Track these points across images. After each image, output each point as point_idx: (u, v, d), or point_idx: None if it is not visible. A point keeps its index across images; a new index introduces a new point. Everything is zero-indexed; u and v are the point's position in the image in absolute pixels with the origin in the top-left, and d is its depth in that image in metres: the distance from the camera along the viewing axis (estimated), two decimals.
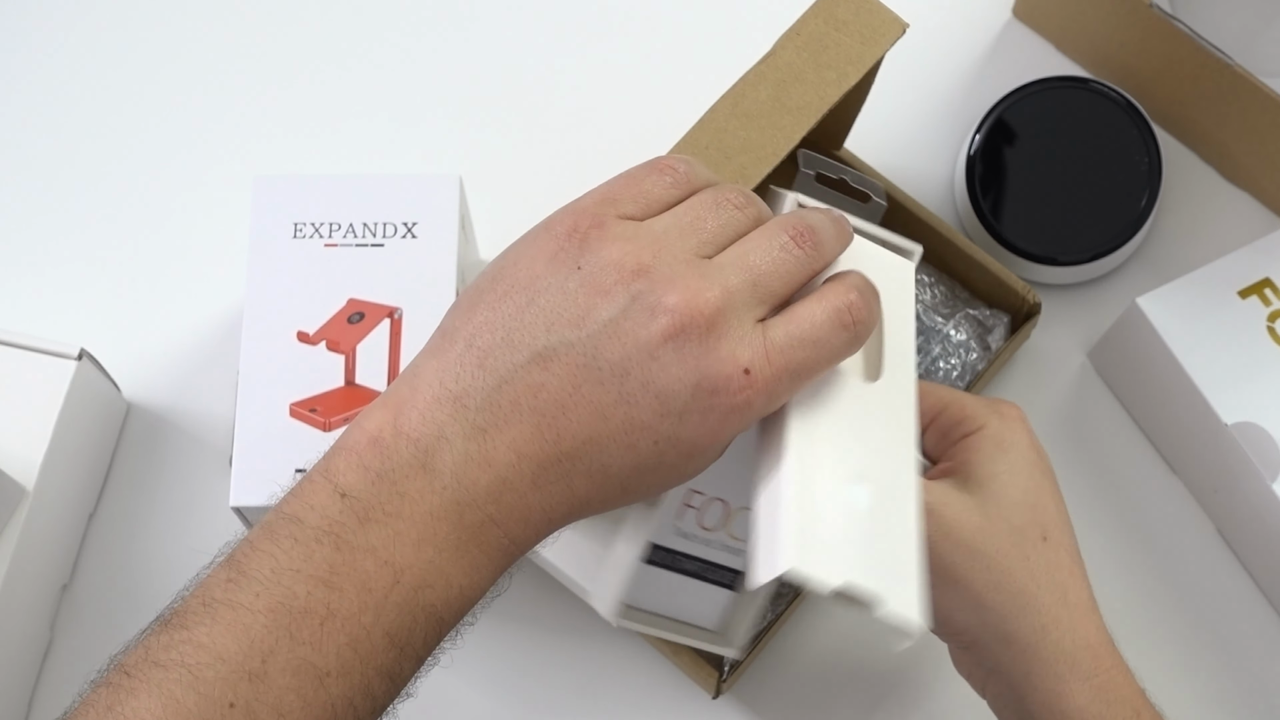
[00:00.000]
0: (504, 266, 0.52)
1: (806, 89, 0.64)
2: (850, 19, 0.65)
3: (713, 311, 0.49)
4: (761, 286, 0.51)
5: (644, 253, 0.50)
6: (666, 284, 0.49)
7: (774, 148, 0.63)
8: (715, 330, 0.49)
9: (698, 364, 0.49)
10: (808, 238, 0.53)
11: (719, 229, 0.52)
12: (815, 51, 0.64)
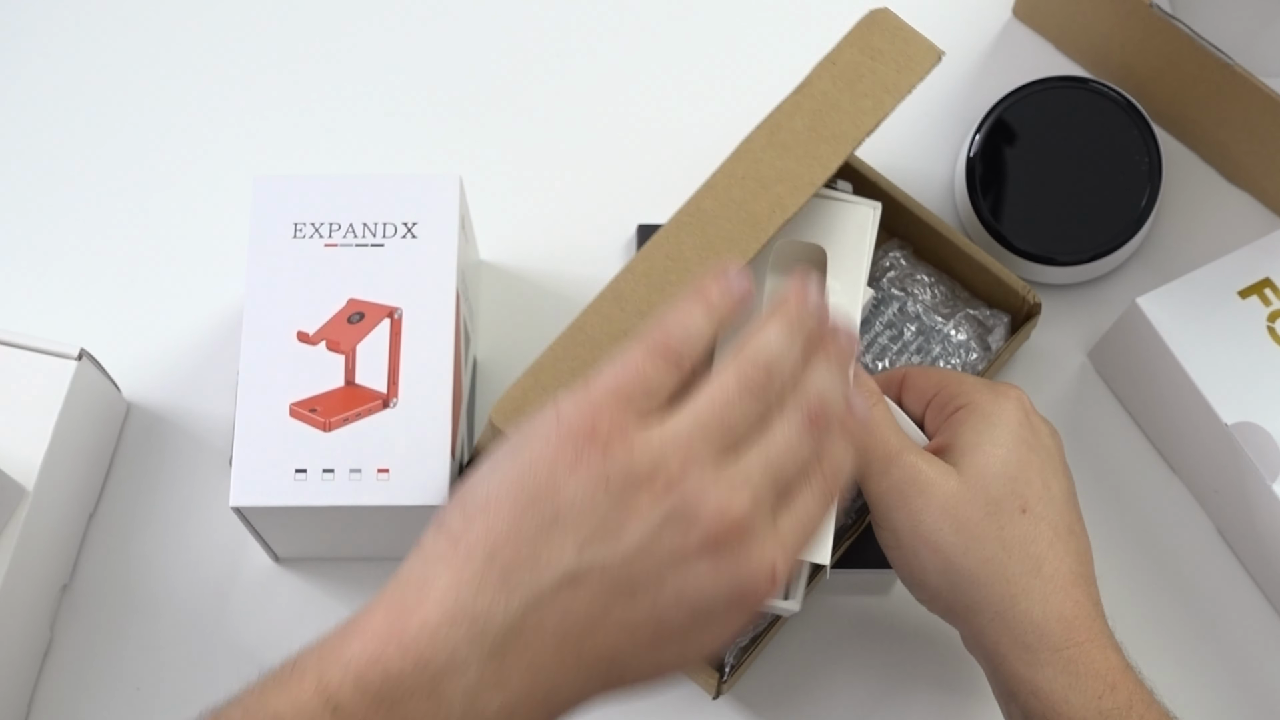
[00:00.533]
0: (520, 468, 0.49)
1: (843, 118, 0.63)
2: (885, 47, 0.64)
3: (746, 522, 0.50)
4: (781, 481, 0.52)
5: (673, 465, 0.49)
6: (698, 498, 0.49)
7: (811, 177, 0.63)
8: (747, 538, 0.50)
9: (734, 573, 0.50)
10: (822, 421, 0.54)
11: (741, 422, 0.52)
12: (851, 81, 0.64)
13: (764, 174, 0.62)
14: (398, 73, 0.88)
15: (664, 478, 0.49)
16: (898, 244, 0.80)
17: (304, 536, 0.74)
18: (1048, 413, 0.81)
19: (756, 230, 0.61)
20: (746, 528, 0.50)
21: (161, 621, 0.77)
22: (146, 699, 0.76)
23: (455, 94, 0.87)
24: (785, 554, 0.51)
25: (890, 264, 0.79)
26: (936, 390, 0.67)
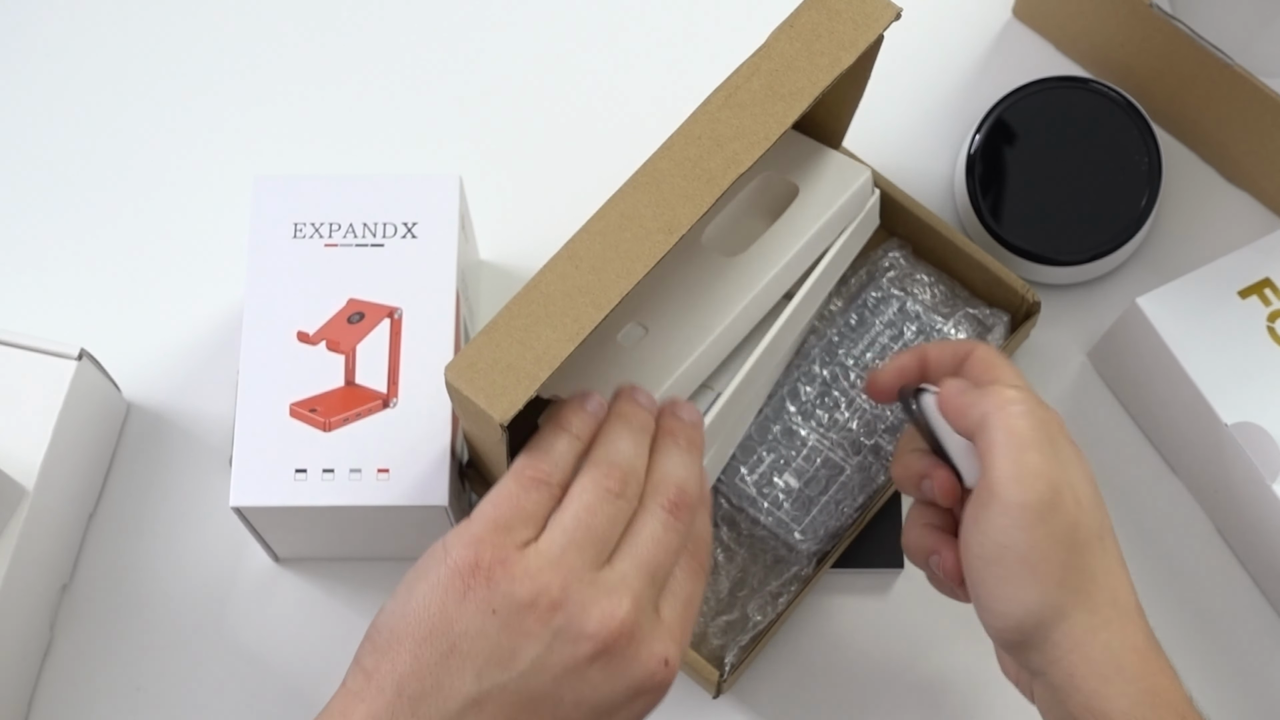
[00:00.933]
0: (416, 604, 0.54)
1: (799, 76, 0.64)
2: (843, 8, 0.65)
3: (630, 625, 0.54)
4: (658, 576, 0.57)
5: (553, 586, 0.54)
6: (582, 613, 0.54)
7: (766, 133, 0.64)
8: (634, 639, 0.55)
9: (628, 673, 0.54)
10: (683, 508, 0.58)
11: (608, 527, 0.56)
12: (809, 40, 0.65)
13: (720, 132, 0.63)
14: (398, 73, 0.88)
15: (547, 599, 0.54)
16: (898, 244, 0.80)
17: (304, 536, 0.74)
18: None
19: (710, 185, 0.63)
20: (632, 628, 0.54)
21: (161, 621, 0.77)
22: (146, 699, 0.76)
23: (455, 94, 0.87)
24: (674, 640, 0.56)
25: (890, 264, 0.79)
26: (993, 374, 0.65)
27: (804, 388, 0.76)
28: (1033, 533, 0.59)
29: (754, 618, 0.74)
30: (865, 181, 0.75)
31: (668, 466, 0.59)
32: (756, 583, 0.75)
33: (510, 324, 0.60)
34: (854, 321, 0.78)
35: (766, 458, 0.75)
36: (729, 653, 0.74)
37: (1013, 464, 0.59)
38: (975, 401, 0.62)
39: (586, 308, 0.60)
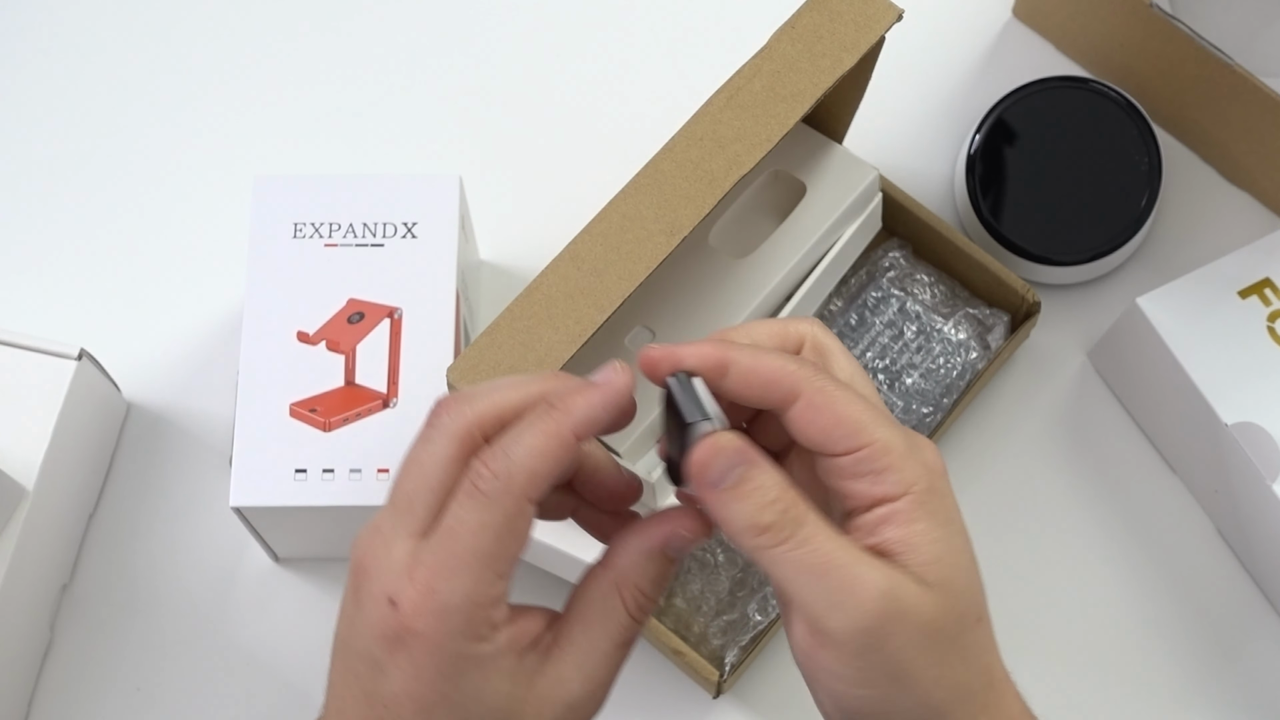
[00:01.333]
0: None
1: (800, 77, 0.65)
2: (844, 9, 0.65)
3: (360, 559, 0.48)
4: (400, 501, 0.47)
5: (358, 552, 0.50)
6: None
7: (768, 134, 0.64)
8: (366, 575, 0.47)
9: (361, 616, 0.47)
10: (436, 413, 0.48)
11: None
12: (810, 42, 0.65)
13: (721, 134, 0.63)
14: (397, 73, 0.88)
15: (355, 566, 0.49)
16: (898, 244, 0.80)
17: (304, 536, 0.74)
18: (1048, 413, 0.81)
19: (713, 187, 0.63)
20: (359, 563, 0.48)
21: (161, 621, 0.77)
22: (146, 699, 0.76)
23: (455, 94, 0.87)
24: (408, 577, 0.46)
25: (890, 264, 0.79)
26: (854, 448, 0.48)
27: None
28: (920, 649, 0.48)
29: (754, 618, 0.74)
30: (872, 181, 0.75)
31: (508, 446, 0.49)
32: (756, 583, 0.75)
33: (512, 325, 0.60)
34: (854, 321, 0.78)
35: None
36: (729, 653, 0.74)
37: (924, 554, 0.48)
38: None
39: (588, 309, 0.61)
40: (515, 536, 0.47)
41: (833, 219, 0.74)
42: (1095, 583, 0.78)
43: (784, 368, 0.48)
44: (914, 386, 0.77)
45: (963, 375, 0.77)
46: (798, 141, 0.75)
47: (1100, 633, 0.77)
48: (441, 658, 0.47)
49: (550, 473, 0.47)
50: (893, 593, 0.47)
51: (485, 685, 0.47)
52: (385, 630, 0.47)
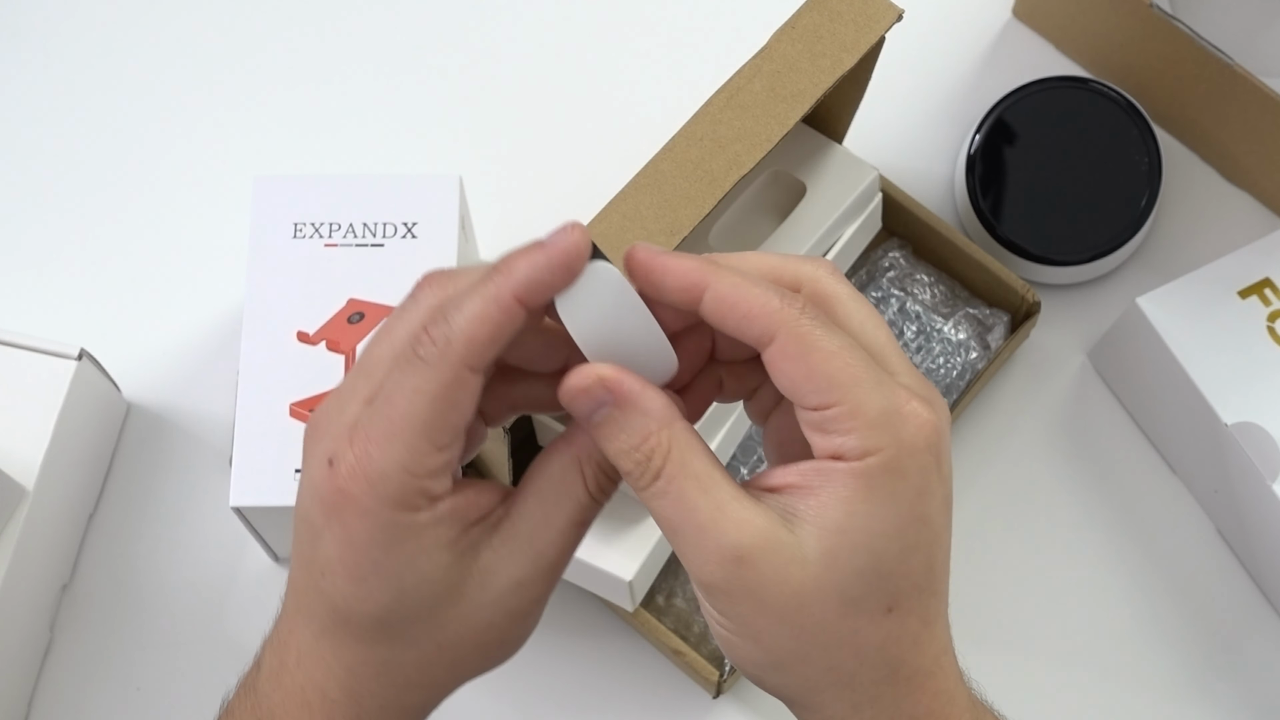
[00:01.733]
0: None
1: (801, 77, 0.65)
2: (845, 9, 0.65)
3: (315, 416, 0.47)
4: (363, 365, 0.46)
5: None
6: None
7: (768, 134, 0.64)
8: (313, 435, 0.46)
9: (305, 479, 0.46)
10: (419, 286, 0.47)
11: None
12: (810, 42, 0.65)
13: (721, 134, 0.63)
14: (397, 72, 0.88)
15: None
16: (898, 244, 0.80)
17: None
18: (1048, 413, 0.81)
19: (713, 187, 0.63)
20: (311, 424, 0.47)
21: (161, 621, 0.77)
22: (146, 699, 0.76)
23: (455, 94, 0.87)
24: (351, 440, 0.45)
25: (890, 264, 0.79)
26: (832, 402, 0.44)
27: None
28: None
29: None
30: (872, 182, 0.75)
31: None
32: None
33: None
34: None
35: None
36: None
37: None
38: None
39: None
40: (454, 406, 0.45)
41: (833, 219, 0.74)
42: (1095, 582, 0.78)
43: (764, 303, 0.45)
44: None
45: (963, 375, 0.77)
46: (798, 141, 0.75)
47: (1100, 632, 0.77)
48: (373, 524, 0.45)
49: (490, 338, 0.44)
50: (751, 546, 0.44)
51: (421, 555, 0.45)
52: (322, 493, 0.45)
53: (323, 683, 0.47)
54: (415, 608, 0.46)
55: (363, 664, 0.47)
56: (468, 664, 0.48)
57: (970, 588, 0.77)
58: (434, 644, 0.47)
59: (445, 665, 0.48)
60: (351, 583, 0.46)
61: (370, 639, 0.47)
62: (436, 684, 0.48)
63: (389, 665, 0.47)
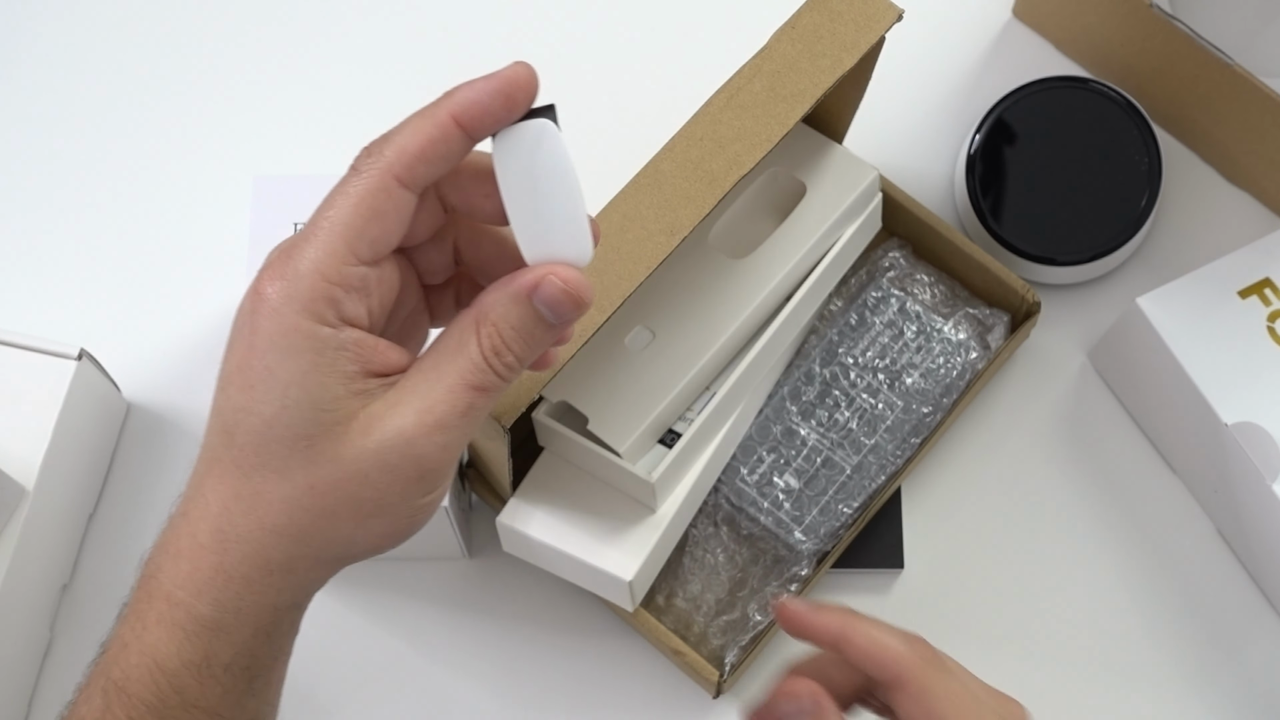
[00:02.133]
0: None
1: (801, 77, 0.65)
2: (845, 9, 0.65)
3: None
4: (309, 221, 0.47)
5: None
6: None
7: (768, 134, 0.64)
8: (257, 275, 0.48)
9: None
10: (359, 157, 0.48)
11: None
12: (810, 42, 0.65)
13: (721, 134, 0.63)
14: (397, 72, 0.88)
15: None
16: (898, 243, 0.80)
17: None
18: (1048, 413, 0.81)
19: (713, 187, 0.63)
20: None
21: None
22: None
23: None
24: (273, 269, 0.46)
25: (890, 264, 0.79)
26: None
27: (804, 387, 0.77)
28: None
29: (754, 618, 0.74)
30: (872, 182, 0.75)
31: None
32: (756, 583, 0.75)
33: None
34: (854, 321, 0.78)
35: (767, 458, 0.75)
36: (729, 653, 0.74)
37: None
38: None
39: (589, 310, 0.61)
40: (376, 215, 0.46)
41: (833, 219, 0.74)
42: (1095, 582, 0.78)
43: (896, 650, 0.54)
44: (914, 386, 0.77)
45: (963, 375, 0.77)
46: (798, 141, 0.75)
47: (1100, 632, 0.77)
48: (277, 326, 0.45)
49: (420, 150, 0.46)
50: None
51: (313, 373, 0.46)
52: (244, 302, 0.46)
53: (196, 526, 0.47)
54: (294, 429, 0.46)
55: (235, 498, 0.47)
56: (338, 522, 0.47)
57: (970, 587, 0.77)
58: (306, 482, 0.46)
59: (314, 513, 0.46)
60: (242, 391, 0.46)
61: (247, 466, 0.46)
62: (304, 536, 0.47)
63: (258, 499, 0.46)
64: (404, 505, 0.47)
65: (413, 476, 0.46)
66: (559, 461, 0.71)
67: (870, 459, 0.75)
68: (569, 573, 0.71)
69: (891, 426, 0.76)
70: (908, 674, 0.55)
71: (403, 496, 0.47)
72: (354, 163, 0.47)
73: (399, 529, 0.48)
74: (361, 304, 0.46)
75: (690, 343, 0.71)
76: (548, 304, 0.47)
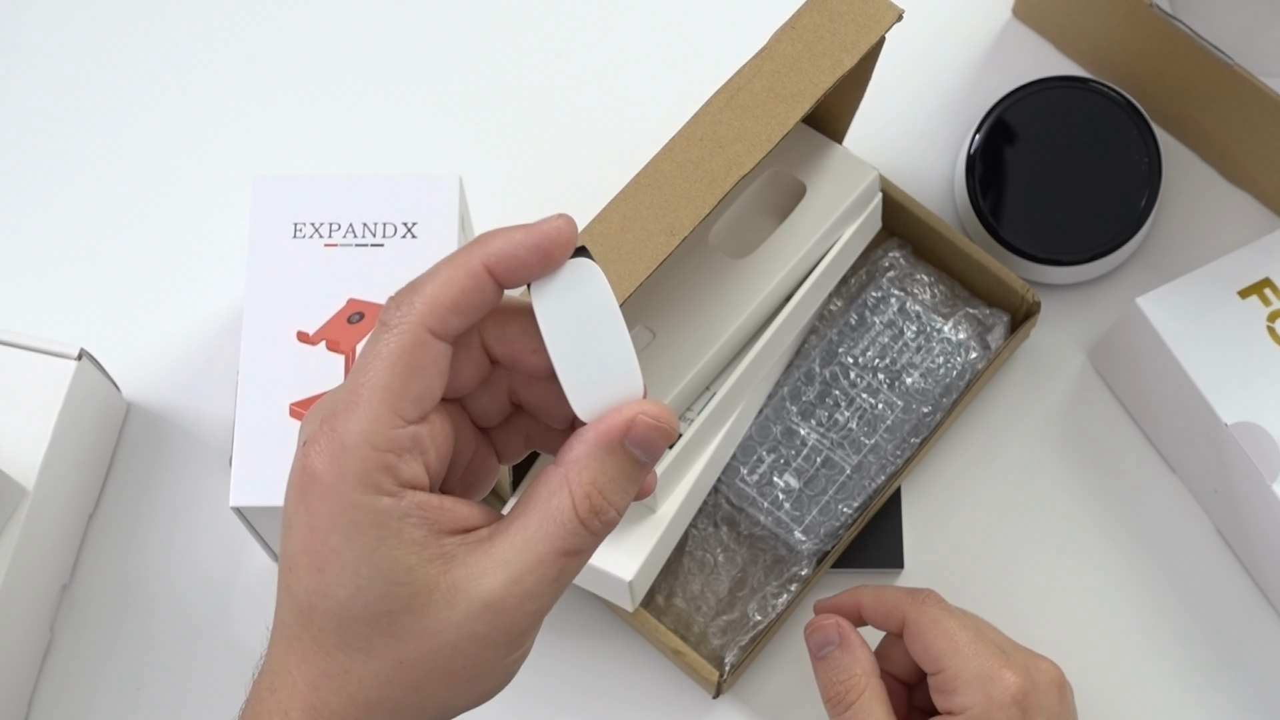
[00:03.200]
0: None
1: (801, 77, 0.65)
2: (845, 9, 0.65)
3: (306, 414, 0.48)
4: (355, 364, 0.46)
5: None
6: None
7: (768, 134, 0.64)
8: (301, 429, 0.47)
9: (289, 476, 0.46)
10: (385, 309, 0.47)
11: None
12: (810, 42, 0.65)
13: (722, 134, 0.63)
14: (397, 72, 0.88)
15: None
16: (898, 243, 0.80)
17: None
18: (1048, 413, 0.81)
19: (713, 187, 0.63)
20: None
21: (162, 621, 0.77)
22: (146, 699, 0.76)
23: (455, 94, 0.87)
24: (311, 427, 0.46)
25: (890, 264, 0.79)
26: (930, 665, 0.64)
27: (804, 388, 0.77)
28: None
29: (754, 618, 0.74)
30: (872, 182, 0.75)
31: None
32: (756, 583, 0.75)
33: None
34: (854, 321, 0.78)
35: (767, 458, 0.75)
36: (729, 653, 0.74)
37: None
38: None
39: None
40: (415, 371, 0.44)
41: (833, 219, 0.74)
42: (1094, 582, 0.78)
43: (898, 597, 0.65)
44: (914, 386, 0.77)
45: (963, 375, 0.77)
46: (798, 141, 0.75)
47: (1099, 632, 0.77)
48: (335, 506, 0.43)
49: (453, 301, 0.44)
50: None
51: (382, 548, 0.44)
52: (295, 479, 0.45)
53: (287, 703, 0.45)
54: (373, 608, 0.44)
55: (322, 676, 0.45)
56: (432, 691, 0.45)
57: (970, 587, 0.77)
58: (393, 658, 0.45)
59: (406, 686, 0.45)
60: (311, 574, 0.44)
61: (330, 645, 0.45)
62: (399, 709, 0.46)
63: (348, 677, 0.45)
64: (498, 666, 0.46)
65: (503, 643, 0.45)
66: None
67: (870, 459, 0.75)
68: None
69: (891, 426, 0.76)
70: (909, 617, 0.64)
71: (495, 660, 0.46)
72: (381, 316, 0.45)
73: (495, 687, 0.47)
74: (417, 463, 0.44)
75: (690, 343, 0.71)
76: (642, 445, 0.44)
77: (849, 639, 0.65)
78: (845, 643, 0.65)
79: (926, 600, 0.65)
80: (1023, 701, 0.62)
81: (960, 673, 0.63)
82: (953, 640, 0.63)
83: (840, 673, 0.64)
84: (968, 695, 0.62)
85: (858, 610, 0.67)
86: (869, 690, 0.63)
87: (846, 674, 0.64)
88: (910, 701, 0.68)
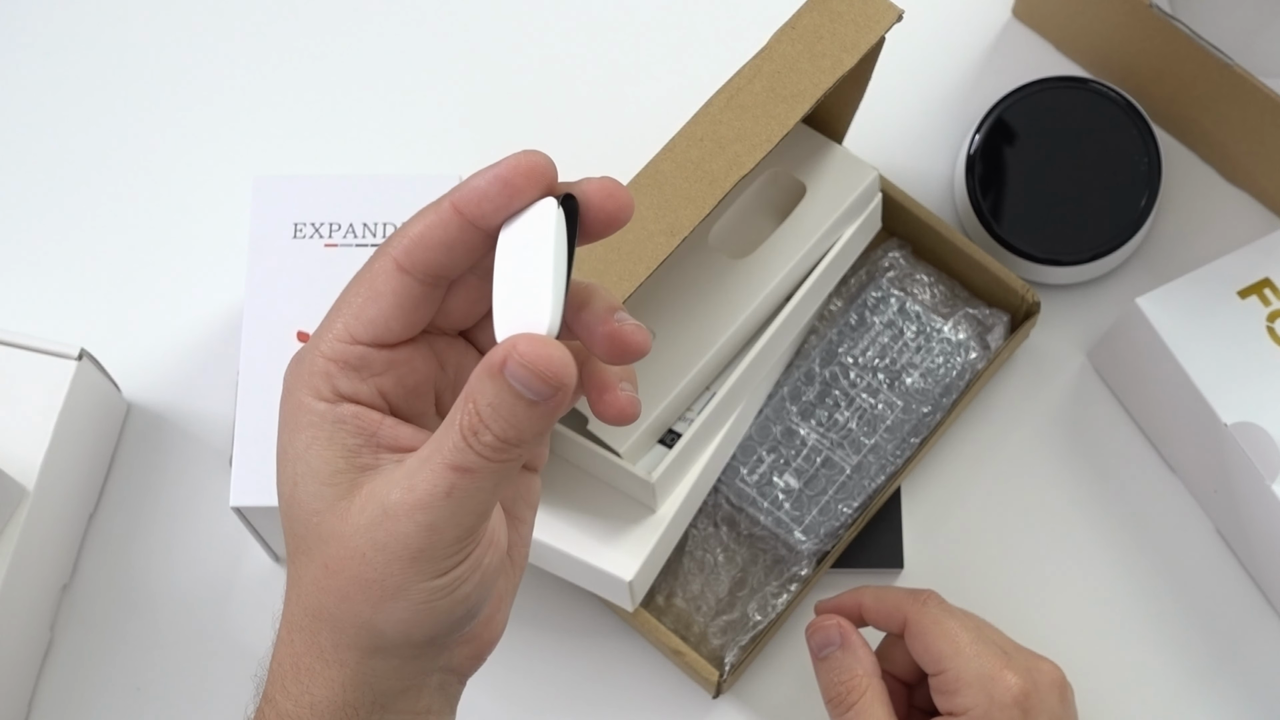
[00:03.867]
0: None
1: (801, 78, 0.65)
2: (845, 10, 0.65)
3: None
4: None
5: None
6: None
7: (768, 134, 0.64)
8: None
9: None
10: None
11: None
12: (810, 42, 0.65)
13: (722, 134, 0.64)
14: (397, 72, 0.88)
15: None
16: (898, 244, 0.80)
17: None
18: (1048, 413, 0.81)
19: (713, 187, 0.63)
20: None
21: (161, 621, 0.77)
22: (146, 699, 0.76)
23: (455, 94, 0.87)
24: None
25: (890, 264, 0.79)
26: (931, 667, 0.65)
27: (804, 387, 0.77)
28: None
29: (754, 618, 0.74)
30: (872, 182, 0.75)
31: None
32: (756, 583, 0.75)
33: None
34: (854, 321, 0.78)
35: (766, 458, 0.75)
36: (729, 653, 0.74)
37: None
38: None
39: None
40: (374, 297, 0.46)
41: (833, 219, 0.74)
42: (1095, 582, 0.78)
43: (899, 598, 0.67)
44: (914, 386, 0.77)
45: (962, 375, 0.77)
46: (798, 141, 0.75)
47: (1099, 632, 0.77)
48: (288, 405, 0.47)
49: (420, 236, 0.45)
50: None
51: (315, 448, 0.46)
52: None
53: (279, 608, 0.49)
54: (305, 505, 0.46)
55: (289, 581, 0.48)
56: (354, 606, 0.45)
57: (970, 587, 0.77)
58: (320, 561, 0.45)
59: (335, 594, 0.45)
60: (278, 470, 0.48)
61: (291, 549, 0.47)
62: (337, 623, 0.46)
63: (300, 582, 0.46)
64: (413, 590, 0.44)
65: (404, 557, 0.44)
66: (559, 461, 0.71)
67: (870, 459, 0.75)
68: (569, 573, 0.71)
69: (891, 426, 0.76)
70: (910, 617, 0.65)
71: (405, 579, 0.44)
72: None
73: (420, 617, 0.45)
74: (364, 382, 0.46)
75: (690, 343, 0.71)
76: (519, 381, 0.43)
77: (850, 639, 0.66)
78: (846, 643, 0.66)
79: (928, 601, 0.66)
80: (1024, 702, 0.63)
81: (962, 674, 0.64)
82: (954, 641, 0.64)
83: (841, 673, 0.65)
84: (969, 696, 0.63)
85: (859, 611, 0.68)
86: (870, 691, 0.64)
87: (848, 674, 0.65)
88: (911, 702, 0.68)
